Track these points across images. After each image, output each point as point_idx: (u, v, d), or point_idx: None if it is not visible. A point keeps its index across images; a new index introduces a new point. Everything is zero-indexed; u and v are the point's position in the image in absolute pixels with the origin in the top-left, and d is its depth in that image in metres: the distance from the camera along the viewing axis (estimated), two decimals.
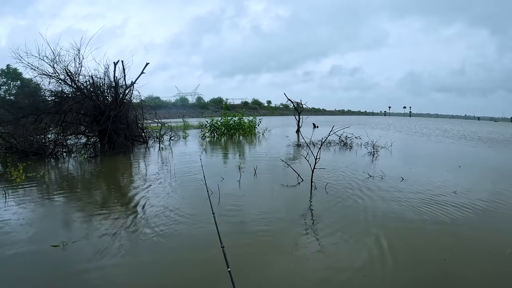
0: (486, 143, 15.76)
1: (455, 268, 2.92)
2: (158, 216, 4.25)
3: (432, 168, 8.24)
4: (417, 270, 2.90)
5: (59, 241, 3.33)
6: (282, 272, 2.87)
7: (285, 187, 5.92)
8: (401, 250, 3.27)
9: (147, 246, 3.38)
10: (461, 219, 4.20)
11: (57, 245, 3.26)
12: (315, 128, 23.41)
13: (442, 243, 3.47)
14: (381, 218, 4.25)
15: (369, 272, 2.83)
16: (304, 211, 4.62)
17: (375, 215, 4.35)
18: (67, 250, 3.21)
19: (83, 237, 3.53)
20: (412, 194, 5.40)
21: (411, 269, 2.92)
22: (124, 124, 11.43)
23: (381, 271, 2.86)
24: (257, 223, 4.07)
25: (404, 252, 3.22)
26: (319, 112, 65.21)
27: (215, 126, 17.09)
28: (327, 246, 3.36)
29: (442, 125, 34.88)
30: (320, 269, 2.91)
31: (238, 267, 2.71)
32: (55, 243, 3.29)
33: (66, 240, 3.37)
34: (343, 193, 5.47)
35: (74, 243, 3.34)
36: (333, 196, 5.29)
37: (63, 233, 3.67)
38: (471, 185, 6.26)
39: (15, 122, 10.27)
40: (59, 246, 3.26)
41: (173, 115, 43.83)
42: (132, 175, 7.33)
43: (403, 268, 2.92)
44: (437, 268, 2.91)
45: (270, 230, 3.83)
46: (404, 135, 20.29)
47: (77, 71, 10.76)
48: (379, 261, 3.02)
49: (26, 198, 5.26)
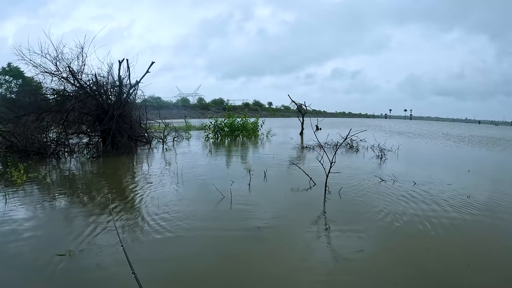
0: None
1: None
2: (168, 220, 4.01)
3: (445, 172, 8.04)
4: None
5: (65, 249, 3.08)
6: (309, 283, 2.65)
7: (298, 191, 5.70)
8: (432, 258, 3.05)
9: (158, 253, 3.15)
10: (470, 221, 4.00)
11: (63, 254, 3.01)
12: (318, 130, 23.20)
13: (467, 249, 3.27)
14: (407, 223, 4.07)
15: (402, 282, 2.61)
16: (324, 217, 4.40)
17: (398, 220, 4.18)
18: (75, 258, 2.97)
19: (90, 245, 3.28)
20: (433, 200, 5.18)
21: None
22: (128, 124, 11.18)
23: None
24: (274, 229, 3.85)
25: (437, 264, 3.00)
26: (320, 114, 65.07)
27: (219, 127, 16.84)
28: (354, 255, 3.13)
29: (448, 129, 34.63)
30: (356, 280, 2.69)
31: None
32: (61, 252, 3.04)
33: (72, 248, 3.12)
34: (360, 198, 5.26)
35: (82, 252, 3.10)
36: (350, 201, 5.09)
37: (69, 240, 3.42)
38: (480, 187, 6.22)
39: (16, 120, 10.03)
40: (65, 255, 3.01)
41: (174, 115, 43.54)
42: (138, 178, 7.07)
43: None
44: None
45: (290, 237, 3.63)
46: (412, 139, 20.09)
47: (80, 70, 10.54)
48: (411, 270, 2.80)
49: (27, 201, 5.00)
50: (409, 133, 26.07)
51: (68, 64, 10.21)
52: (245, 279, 2.77)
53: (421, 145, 16.28)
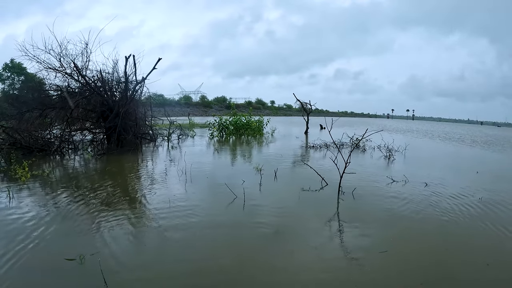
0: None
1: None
2: (181, 218, 3.84)
3: (455, 173, 8.03)
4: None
5: (75, 253, 2.90)
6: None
7: (310, 191, 5.54)
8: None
9: (172, 256, 2.97)
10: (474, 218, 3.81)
11: (73, 259, 2.84)
12: (322, 129, 22.97)
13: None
14: (425, 224, 4.05)
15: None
16: (338, 218, 4.24)
17: (416, 221, 4.16)
18: (86, 264, 2.80)
19: (101, 248, 3.11)
20: (447, 201, 5.05)
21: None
22: (133, 121, 10.99)
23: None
24: (291, 231, 3.71)
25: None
26: (322, 113, 64.68)
27: (223, 125, 16.65)
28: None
29: (456, 130, 34.48)
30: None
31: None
32: (71, 256, 2.86)
33: (83, 252, 2.94)
34: (374, 199, 5.16)
35: (93, 256, 2.92)
36: (364, 202, 4.99)
37: (78, 243, 3.24)
38: (491, 188, 6.16)
39: (19, 116, 9.85)
40: (75, 259, 2.83)
41: (177, 113, 43.27)
42: (145, 176, 6.90)
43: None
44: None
45: (307, 238, 3.48)
46: (418, 138, 19.87)
47: (85, 66, 10.33)
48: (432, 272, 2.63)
49: (32, 200, 4.82)
50: (414, 131, 25.86)
51: (73, 59, 10.03)
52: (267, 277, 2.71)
53: (428, 145, 16.10)
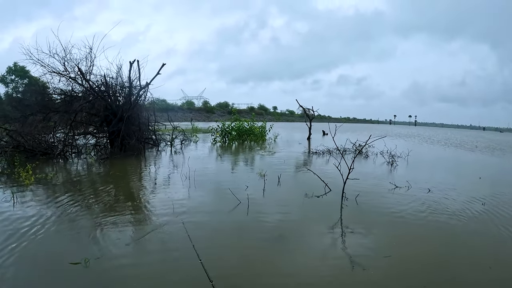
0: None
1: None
2: (182, 230, 3.82)
3: (458, 178, 8.07)
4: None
5: (80, 257, 2.88)
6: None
7: (313, 197, 5.50)
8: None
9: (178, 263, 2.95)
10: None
11: (78, 263, 2.82)
12: (325, 135, 22.94)
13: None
14: (428, 230, 4.05)
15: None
16: (341, 224, 4.20)
17: (419, 227, 4.17)
18: (91, 268, 2.78)
19: (107, 252, 3.09)
20: (450, 208, 5.01)
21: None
22: (136, 126, 11.03)
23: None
24: (295, 236, 3.69)
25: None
26: (324, 119, 64.69)
27: (226, 131, 16.66)
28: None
29: (460, 136, 34.29)
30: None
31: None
32: (75, 260, 2.85)
33: (88, 256, 2.93)
34: (377, 205, 5.14)
35: (98, 260, 2.90)
36: (368, 208, 4.95)
37: (83, 247, 3.22)
38: (490, 194, 6.14)
39: (22, 120, 9.89)
40: (80, 263, 2.82)
41: (179, 118, 43.41)
42: (149, 181, 6.89)
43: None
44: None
45: (311, 244, 3.48)
46: (420, 144, 19.81)
47: (89, 70, 10.39)
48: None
49: (36, 203, 4.81)
50: (416, 137, 25.79)
51: (77, 64, 10.10)
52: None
53: (430, 151, 16.05)
